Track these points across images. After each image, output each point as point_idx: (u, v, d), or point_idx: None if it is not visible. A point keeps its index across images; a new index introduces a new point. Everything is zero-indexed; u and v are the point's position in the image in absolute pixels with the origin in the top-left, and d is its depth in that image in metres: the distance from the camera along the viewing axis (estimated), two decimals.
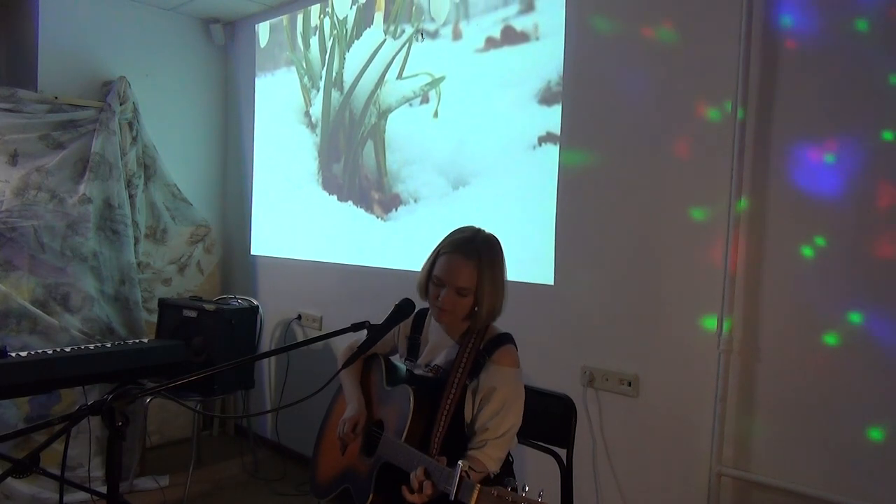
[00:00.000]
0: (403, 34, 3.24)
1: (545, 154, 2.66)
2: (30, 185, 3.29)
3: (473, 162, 2.93)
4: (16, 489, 3.01)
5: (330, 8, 3.60)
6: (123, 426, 1.25)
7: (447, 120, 3.07)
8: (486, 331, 1.76)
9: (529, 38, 2.74)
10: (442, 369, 1.76)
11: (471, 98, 2.96)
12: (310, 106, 3.78)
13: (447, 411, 1.66)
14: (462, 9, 2.99)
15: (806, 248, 1.99)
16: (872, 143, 1.87)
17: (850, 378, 1.91)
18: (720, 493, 2.15)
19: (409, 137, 3.23)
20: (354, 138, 3.50)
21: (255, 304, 3.65)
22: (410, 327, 1.91)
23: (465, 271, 1.68)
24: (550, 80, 2.66)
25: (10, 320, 3.10)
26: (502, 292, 1.74)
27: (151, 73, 3.91)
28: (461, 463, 1.42)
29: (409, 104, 3.23)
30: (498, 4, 2.85)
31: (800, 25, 2.01)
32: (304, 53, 3.79)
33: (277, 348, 1.70)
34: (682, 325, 2.26)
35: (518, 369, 1.72)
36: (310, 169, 3.77)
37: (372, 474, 1.72)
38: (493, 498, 1.30)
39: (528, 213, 2.71)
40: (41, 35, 3.49)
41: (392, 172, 3.29)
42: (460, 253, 1.70)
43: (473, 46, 2.94)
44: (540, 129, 2.69)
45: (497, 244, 1.77)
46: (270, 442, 3.88)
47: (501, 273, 1.75)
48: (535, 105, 2.71)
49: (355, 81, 3.47)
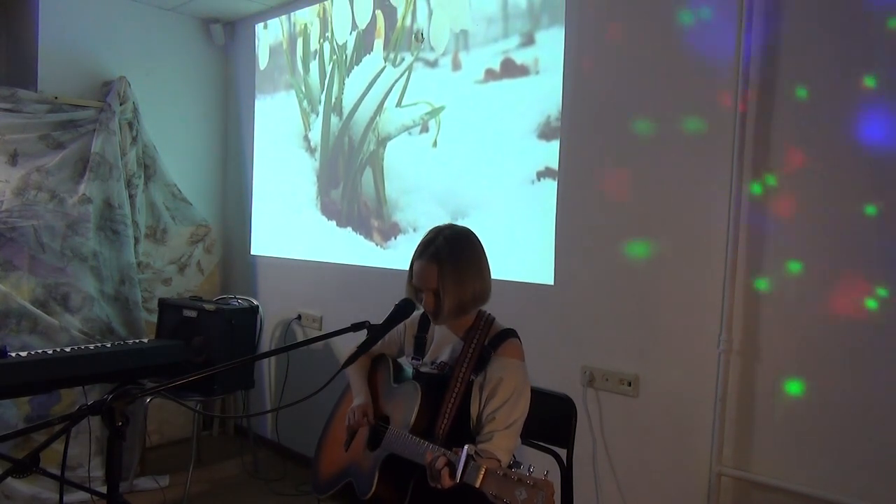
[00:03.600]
0: (403, 62, 3.22)
1: (544, 189, 2.64)
2: (30, 185, 3.29)
3: (472, 193, 2.91)
4: (16, 489, 3.01)
5: (330, 33, 3.59)
6: (123, 426, 1.25)
7: (446, 150, 3.05)
8: (491, 326, 1.78)
9: (529, 72, 2.71)
10: (448, 365, 1.77)
11: (470, 129, 2.94)
12: (309, 130, 3.76)
13: (452, 405, 1.68)
14: (462, 39, 2.96)
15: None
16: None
17: (850, 377, 1.91)
18: (720, 493, 2.15)
19: (408, 166, 3.21)
20: (353, 165, 3.48)
21: (255, 304, 3.65)
22: (417, 326, 1.92)
23: (429, 274, 1.70)
24: (550, 115, 2.63)
25: (10, 320, 3.10)
26: (473, 283, 1.71)
27: (151, 73, 3.90)
28: (468, 446, 1.42)
29: (408, 133, 3.21)
30: (498, 36, 2.82)
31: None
32: (303, 77, 3.78)
33: (277, 348, 1.70)
34: (682, 325, 2.26)
35: (522, 362, 1.74)
36: (309, 193, 3.76)
37: (376, 465, 1.73)
38: (498, 478, 1.31)
39: (527, 225, 2.70)
40: (41, 35, 3.49)
41: (391, 201, 3.27)
42: (423, 257, 1.73)
43: (473, 77, 2.92)
44: (539, 163, 2.67)
45: (463, 238, 1.76)
46: (270, 442, 3.88)
47: (469, 265, 1.72)
48: (534, 139, 2.69)
49: (355, 107, 3.46)
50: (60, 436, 1.28)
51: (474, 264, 1.74)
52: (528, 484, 1.25)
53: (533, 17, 2.71)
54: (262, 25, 4.05)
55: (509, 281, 2.74)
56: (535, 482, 1.25)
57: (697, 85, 2.22)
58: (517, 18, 2.76)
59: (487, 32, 2.86)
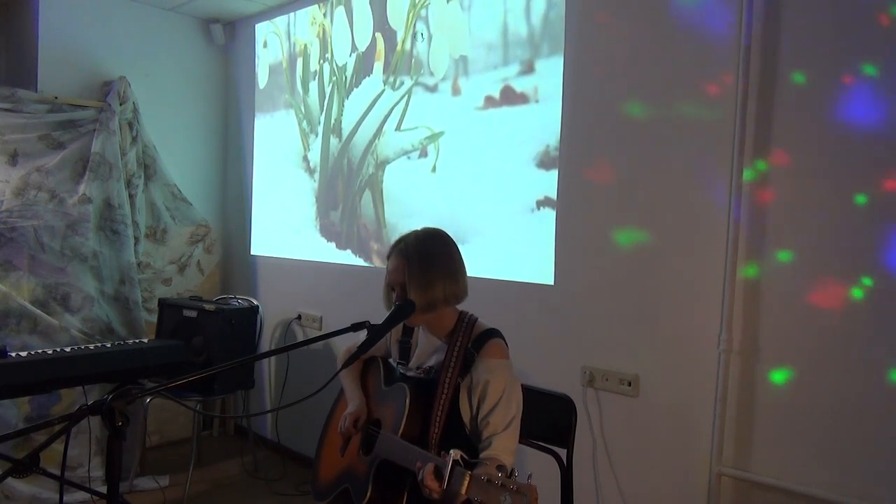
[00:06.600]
0: (403, 85, 3.21)
1: (544, 218, 2.64)
2: (30, 185, 3.29)
3: (472, 220, 2.89)
4: (16, 489, 3.01)
5: (329, 54, 3.58)
6: (123, 426, 1.25)
7: (445, 176, 3.04)
8: (473, 327, 1.76)
9: (529, 101, 2.70)
10: (433, 370, 1.77)
11: (469, 155, 2.93)
12: (308, 151, 3.76)
13: (442, 410, 1.67)
14: (461, 65, 2.95)
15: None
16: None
17: (850, 377, 1.91)
18: (720, 493, 2.15)
19: (407, 190, 3.21)
20: (352, 187, 3.48)
21: (255, 304, 3.65)
22: (401, 331, 1.91)
23: (396, 269, 1.71)
24: (549, 144, 2.62)
25: (10, 320, 3.10)
26: (443, 280, 1.69)
27: (151, 73, 3.90)
28: (453, 451, 1.42)
29: (407, 157, 3.20)
30: (497, 63, 2.80)
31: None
32: (303, 98, 3.77)
33: (277, 348, 1.70)
34: (682, 325, 2.26)
35: (508, 360, 1.72)
36: (308, 214, 3.76)
37: (370, 472, 1.73)
38: (483, 483, 1.31)
39: (527, 252, 2.69)
40: (41, 35, 3.49)
41: (391, 224, 3.27)
42: (392, 254, 1.74)
43: (473, 104, 2.90)
44: (538, 192, 2.66)
45: (433, 236, 1.77)
46: (270, 442, 3.88)
47: (436, 261, 1.71)
48: (533, 168, 2.68)
49: (354, 129, 3.44)
50: (60, 436, 1.28)
51: (443, 261, 1.72)
52: (512, 489, 1.26)
53: (533, 46, 2.69)
54: (261, 26, 4.05)
55: (509, 281, 2.74)
56: (518, 487, 1.26)
57: (697, 78, 2.22)
58: (517, 46, 2.74)
59: (487, 59, 2.84)
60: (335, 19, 3.54)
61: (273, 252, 4.00)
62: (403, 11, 3.20)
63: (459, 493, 1.35)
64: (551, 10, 2.62)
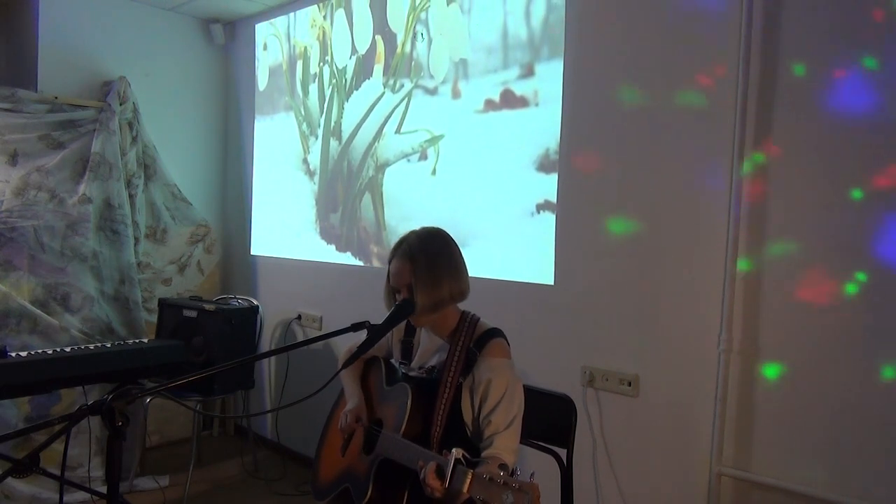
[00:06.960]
0: (402, 88, 3.21)
1: (544, 222, 2.64)
2: (30, 185, 3.29)
3: (472, 223, 2.89)
4: (16, 489, 3.01)
5: (329, 56, 3.58)
6: (123, 426, 1.25)
7: (445, 179, 3.03)
8: (476, 327, 1.76)
9: (529, 104, 2.69)
10: (435, 369, 1.77)
11: (469, 158, 2.92)
12: (308, 153, 3.76)
13: (443, 410, 1.67)
14: (461, 68, 2.95)
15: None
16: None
17: (850, 377, 1.91)
18: (720, 493, 2.15)
19: (406, 193, 3.20)
20: (352, 190, 3.47)
21: (255, 304, 3.65)
22: (403, 331, 1.91)
23: (402, 271, 1.70)
24: (549, 148, 2.62)
25: (10, 320, 3.10)
26: (448, 279, 1.70)
27: (151, 73, 3.91)
28: (455, 450, 1.42)
29: (407, 160, 3.20)
30: (497, 67, 2.80)
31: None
32: (302, 100, 3.77)
33: (277, 348, 1.70)
34: (682, 325, 2.26)
35: (510, 360, 1.72)
36: (308, 217, 3.76)
37: (370, 471, 1.73)
38: (485, 482, 1.31)
39: (527, 255, 2.69)
40: (41, 35, 3.49)
41: (391, 227, 3.26)
42: (395, 257, 1.74)
43: (473, 107, 2.90)
44: (538, 196, 2.66)
45: (434, 235, 1.77)
46: (270, 442, 3.88)
47: (441, 260, 1.71)
48: (533, 171, 2.67)
49: (354, 132, 3.44)
50: (60, 436, 1.28)
51: (447, 260, 1.73)
52: (514, 487, 1.26)
53: (533, 49, 2.69)
54: (261, 27, 4.05)
55: (509, 281, 2.74)
56: (520, 485, 1.26)
57: (697, 75, 2.22)
58: (517, 49, 2.74)
59: (487, 62, 2.84)
60: (335, 22, 3.54)
61: (273, 252, 4.00)
62: (403, 14, 3.20)
63: (461, 491, 1.35)
64: (551, 13, 2.62)
